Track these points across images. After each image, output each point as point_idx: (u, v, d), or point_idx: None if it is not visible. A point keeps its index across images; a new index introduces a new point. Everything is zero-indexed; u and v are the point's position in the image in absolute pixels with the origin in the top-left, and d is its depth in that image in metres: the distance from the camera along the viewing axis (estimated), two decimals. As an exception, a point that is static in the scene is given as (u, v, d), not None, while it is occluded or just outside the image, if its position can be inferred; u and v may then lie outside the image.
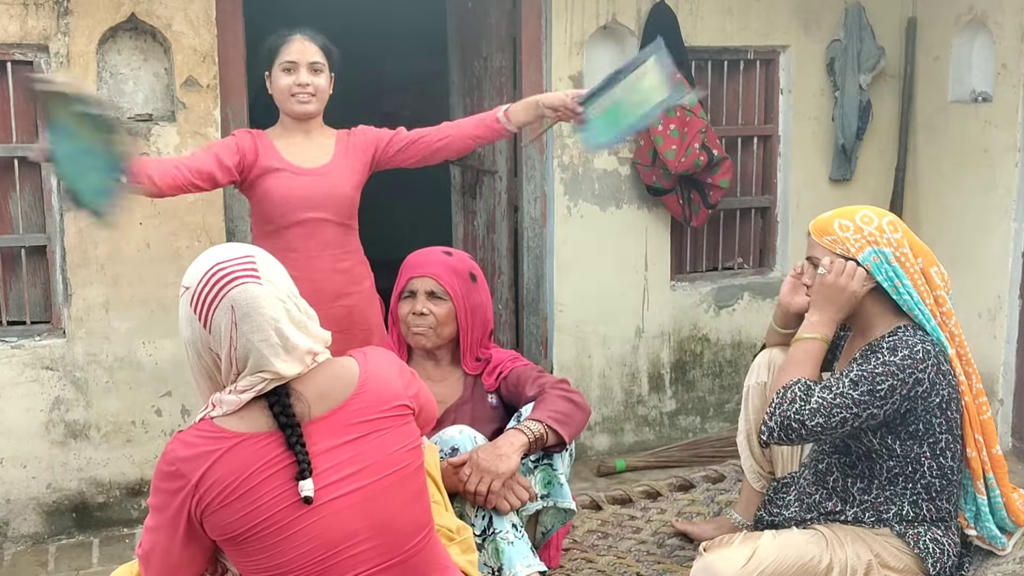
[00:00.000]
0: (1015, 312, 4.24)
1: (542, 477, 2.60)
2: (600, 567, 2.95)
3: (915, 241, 2.56)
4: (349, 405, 1.88)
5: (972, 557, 2.64)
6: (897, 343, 2.45)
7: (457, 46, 5.08)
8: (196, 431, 1.84)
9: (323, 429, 1.85)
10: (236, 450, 1.80)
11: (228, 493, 1.78)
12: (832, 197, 4.54)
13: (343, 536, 1.84)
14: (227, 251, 1.90)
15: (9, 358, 3.67)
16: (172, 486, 1.81)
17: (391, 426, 1.91)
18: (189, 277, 1.87)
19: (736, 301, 4.63)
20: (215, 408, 1.84)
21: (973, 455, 2.56)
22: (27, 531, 3.73)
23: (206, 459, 1.79)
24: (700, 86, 3.28)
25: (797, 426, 2.40)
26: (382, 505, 1.87)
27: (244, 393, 1.82)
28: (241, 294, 1.82)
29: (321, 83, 3.11)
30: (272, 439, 1.81)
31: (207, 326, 1.83)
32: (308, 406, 1.85)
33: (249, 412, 1.83)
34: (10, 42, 3.56)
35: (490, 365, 2.83)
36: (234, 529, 1.81)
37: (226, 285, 1.83)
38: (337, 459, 1.84)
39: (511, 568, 2.43)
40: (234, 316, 1.81)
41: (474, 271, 2.82)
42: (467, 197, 5.08)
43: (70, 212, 3.03)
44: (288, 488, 1.80)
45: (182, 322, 1.88)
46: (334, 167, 3.14)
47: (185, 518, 1.82)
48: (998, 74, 4.24)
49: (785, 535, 2.50)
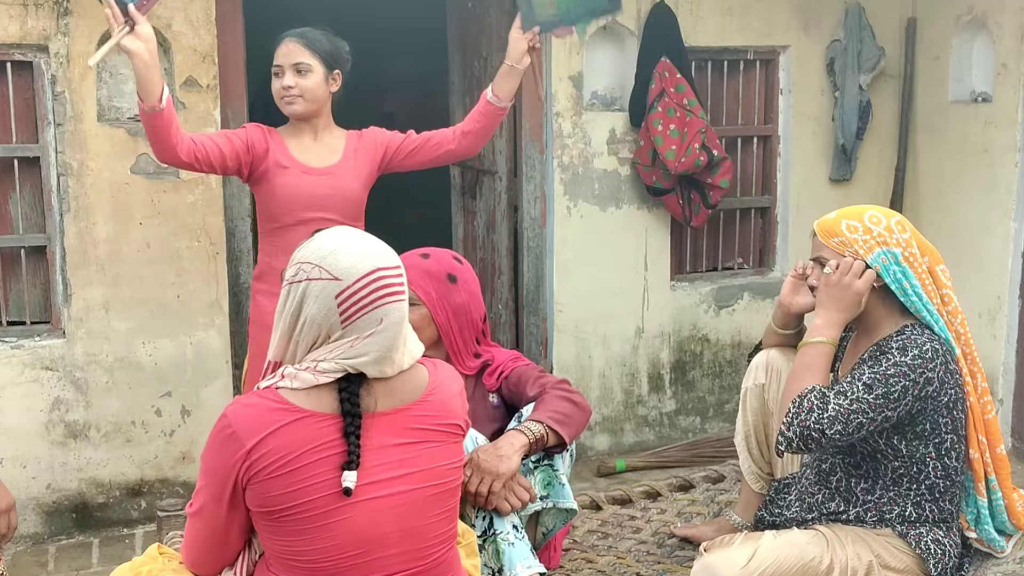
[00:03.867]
0: (1015, 312, 4.24)
1: (542, 478, 2.60)
2: (600, 567, 2.94)
3: (922, 240, 2.55)
4: (412, 409, 1.90)
5: (972, 558, 2.64)
6: (906, 343, 2.43)
7: (457, 46, 5.08)
8: (260, 398, 1.83)
9: (382, 425, 1.86)
10: (297, 425, 1.80)
11: (280, 466, 1.78)
12: (832, 197, 4.54)
13: (374, 536, 1.84)
14: (381, 254, 1.88)
15: (9, 358, 3.67)
16: (226, 448, 1.80)
17: (444, 441, 1.93)
18: (339, 268, 1.83)
19: (736, 301, 4.63)
20: (285, 380, 1.84)
21: (976, 456, 2.55)
22: (27, 531, 3.73)
23: (266, 427, 1.79)
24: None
25: (817, 435, 2.38)
26: (417, 514, 1.89)
27: (322, 375, 1.82)
28: (393, 312, 1.85)
29: (308, 84, 3.07)
30: (332, 422, 1.82)
31: (346, 323, 1.83)
32: (376, 400, 1.86)
33: (318, 391, 1.83)
34: (10, 42, 3.56)
35: (491, 365, 2.82)
36: (275, 504, 1.80)
37: (384, 297, 1.84)
38: (387, 458, 1.85)
39: (511, 569, 2.42)
40: (379, 327, 1.83)
41: (453, 272, 2.75)
42: (467, 197, 5.08)
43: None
44: (335, 475, 1.80)
45: (309, 300, 1.84)
46: (342, 168, 3.13)
47: (232, 483, 1.81)
48: (998, 74, 4.24)
49: (786, 535, 2.50)
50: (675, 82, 4.20)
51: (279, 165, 3.08)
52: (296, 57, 3.06)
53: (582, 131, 4.29)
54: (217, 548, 1.92)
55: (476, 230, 5.01)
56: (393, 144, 3.22)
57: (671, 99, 4.18)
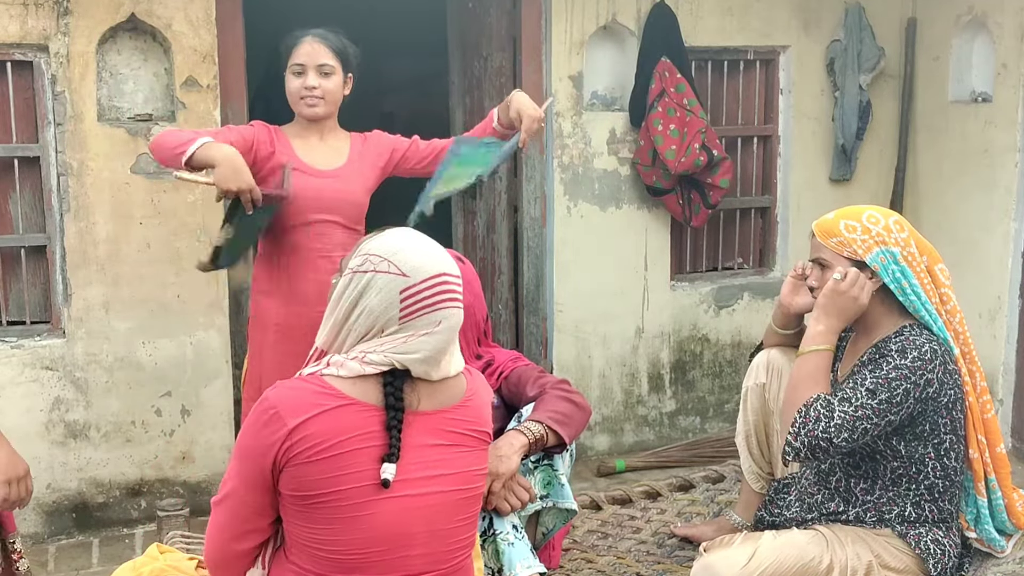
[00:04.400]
0: (1015, 312, 4.24)
1: (542, 478, 2.60)
2: (600, 567, 2.94)
3: (920, 240, 2.55)
4: (452, 412, 1.91)
5: (972, 558, 2.64)
6: (905, 344, 2.44)
7: (457, 46, 5.08)
8: (305, 382, 1.84)
9: (422, 424, 1.87)
10: (341, 411, 1.81)
11: (320, 450, 1.79)
12: (832, 197, 4.55)
13: (402, 534, 1.85)
14: (446, 260, 1.92)
15: (9, 358, 3.67)
16: (265, 429, 1.80)
17: (475, 447, 1.95)
18: (408, 265, 1.86)
19: (736, 301, 4.63)
20: (331, 367, 1.85)
21: (976, 456, 2.55)
22: (27, 531, 3.73)
23: (310, 410, 1.80)
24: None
25: (825, 444, 2.38)
26: (445, 517, 1.90)
27: (369, 367, 1.83)
28: (451, 317, 1.89)
29: (330, 86, 3.05)
30: (374, 414, 1.83)
31: (405, 319, 1.85)
32: (419, 399, 1.87)
33: (363, 381, 1.84)
34: (10, 42, 3.56)
35: (492, 366, 2.83)
36: (310, 488, 1.80)
37: (445, 302, 1.88)
38: (424, 458, 1.86)
39: (511, 569, 2.42)
40: (436, 328, 1.86)
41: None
42: (467, 197, 5.07)
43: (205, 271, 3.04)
44: (372, 467, 1.81)
45: (373, 291, 1.86)
46: (348, 170, 3.12)
47: (270, 463, 1.80)
48: (998, 74, 4.24)
49: (786, 535, 2.50)
50: (675, 82, 4.20)
51: (284, 166, 3.06)
52: (320, 58, 3.03)
53: (582, 131, 4.29)
54: (239, 536, 1.88)
55: (476, 230, 5.01)
56: (399, 150, 3.21)
57: (671, 99, 4.18)
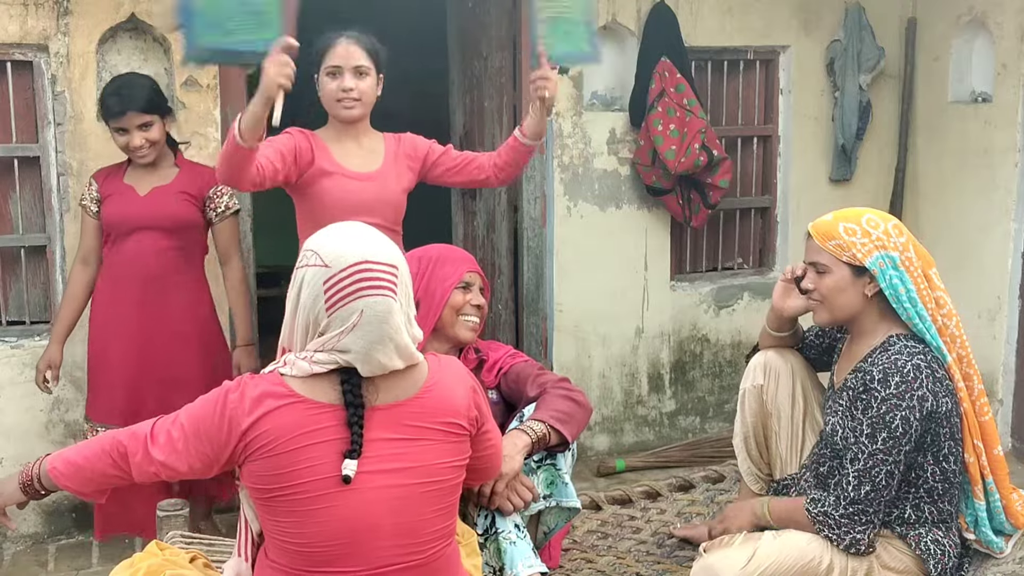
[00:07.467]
0: (1015, 312, 4.24)
1: (545, 477, 2.60)
2: (600, 567, 2.95)
3: (916, 244, 2.55)
4: (407, 405, 1.91)
5: (972, 558, 2.64)
6: (886, 368, 2.41)
7: (457, 46, 5.08)
8: (262, 380, 1.88)
9: (380, 419, 1.88)
10: (292, 408, 1.84)
11: (275, 446, 1.82)
12: (832, 197, 4.55)
13: (366, 526, 1.86)
14: (375, 246, 1.90)
15: (9, 358, 3.67)
16: (223, 427, 1.86)
17: (441, 439, 1.93)
18: (331, 255, 1.86)
19: (736, 301, 4.63)
20: (286, 366, 1.88)
21: (972, 461, 2.54)
22: (27, 531, 3.73)
23: (263, 407, 1.83)
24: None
25: (863, 517, 2.43)
26: (413, 510, 1.90)
27: (316, 366, 1.85)
28: (375, 305, 1.84)
29: (366, 87, 3.03)
30: (328, 411, 1.85)
31: (330, 310, 1.85)
32: (376, 393, 1.88)
33: (318, 381, 1.86)
34: (10, 42, 3.56)
35: (488, 362, 2.83)
36: (268, 483, 1.84)
37: (365, 290, 1.85)
38: (382, 451, 1.87)
39: (513, 568, 2.43)
40: (359, 319, 1.84)
41: None
42: (467, 197, 5.08)
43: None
44: (329, 462, 1.83)
45: (304, 286, 1.88)
46: (385, 172, 3.11)
47: (225, 457, 1.87)
48: (998, 74, 4.24)
49: (785, 536, 2.50)
50: (675, 82, 4.20)
51: (324, 172, 3.03)
52: (357, 59, 3.01)
53: (582, 131, 4.29)
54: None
55: (476, 230, 5.01)
56: (432, 155, 3.20)
57: (671, 99, 4.18)
